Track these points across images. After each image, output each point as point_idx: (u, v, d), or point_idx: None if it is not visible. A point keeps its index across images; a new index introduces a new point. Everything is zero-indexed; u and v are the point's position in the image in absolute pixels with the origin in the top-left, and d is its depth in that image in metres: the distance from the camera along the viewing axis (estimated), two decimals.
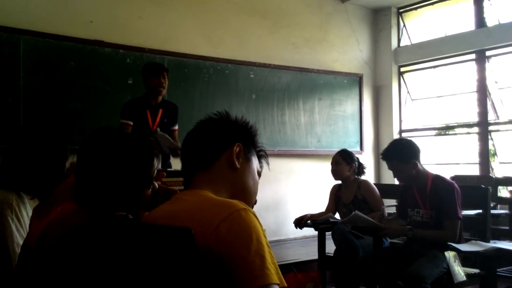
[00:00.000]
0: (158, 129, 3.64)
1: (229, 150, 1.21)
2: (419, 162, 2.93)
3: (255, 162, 1.28)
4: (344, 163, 3.62)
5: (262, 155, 1.33)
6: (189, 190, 1.22)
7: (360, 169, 3.70)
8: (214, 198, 1.12)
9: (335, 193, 3.77)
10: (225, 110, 1.29)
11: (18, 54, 4.11)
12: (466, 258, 2.98)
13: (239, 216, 1.02)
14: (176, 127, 3.94)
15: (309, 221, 3.57)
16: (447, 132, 6.33)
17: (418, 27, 6.55)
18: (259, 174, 1.30)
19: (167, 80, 3.76)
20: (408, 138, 3.43)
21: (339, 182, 3.76)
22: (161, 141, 3.57)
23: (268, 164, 1.34)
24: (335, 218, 3.55)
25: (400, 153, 2.92)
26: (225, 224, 1.00)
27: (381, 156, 3.09)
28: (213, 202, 1.09)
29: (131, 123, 3.68)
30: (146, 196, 1.41)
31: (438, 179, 2.93)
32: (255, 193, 1.27)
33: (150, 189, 1.42)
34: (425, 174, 2.94)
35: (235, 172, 1.21)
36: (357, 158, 3.74)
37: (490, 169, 5.62)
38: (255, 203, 1.28)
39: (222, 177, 1.21)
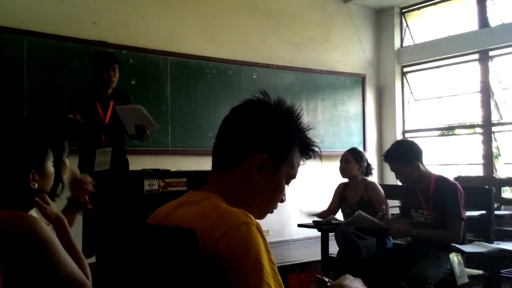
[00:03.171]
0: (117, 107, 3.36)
1: (253, 158, 1.10)
2: (422, 163, 2.93)
3: (287, 169, 1.14)
4: (354, 161, 3.62)
5: (308, 155, 1.18)
6: (200, 192, 1.14)
7: (368, 169, 3.69)
8: (220, 208, 1.05)
9: (341, 192, 3.75)
10: (279, 99, 1.16)
11: (21, 55, 4.12)
12: (469, 259, 2.97)
13: (238, 231, 0.96)
14: None
15: (312, 222, 3.56)
16: (450, 133, 6.32)
17: (421, 27, 6.54)
18: (293, 177, 1.17)
19: (118, 73, 3.48)
20: (410, 140, 3.42)
21: (345, 181, 3.74)
22: (123, 118, 3.33)
23: (319, 158, 1.20)
24: (337, 220, 3.54)
25: (402, 155, 2.91)
26: (223, 239, 0.96)
27: (383, 158, 3.08)
28: (217, 213, 1.02)
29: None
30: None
31: (441, 180, 2.92)
32: (274, 205, 1.17)
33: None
34: (427, 175, 2.94)
35: (253, 182, 1.11)
36: (367, 159, 3.73)
37: (494, 170, 5.60)
38: (275, 207, 1.18)
39: (239, 184, 1.12)
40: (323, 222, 3.47)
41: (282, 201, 1.19)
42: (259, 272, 0.94)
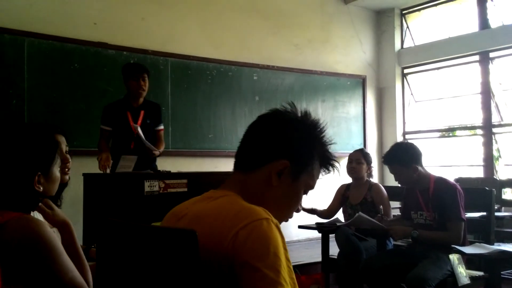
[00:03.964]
0: (138, 127, 3.53)
1: (274, 163, 1.13)
2: (421, 165, 2.92)
3: (306, 180, 1.17)
4: (365, 163, 3.61)
5: (327, 169, 1.21)
6: (221, 190, 1.17)
7: (371, 171, 3.70)
8: (240, 204, 1.08)
9: (343, 193, 3.74)
10: (305, 111, 1.20)
11: (22, 56, 4.12)
12: (470, 261, 2.97)
13: (260, 225, 0.99)
14: (161, 127, 3.80)
15: (314, 224, 3.56)
16: (451, 134, 6.32)
17: (421, 28, 6.54)
18: (311, 187, 1.20)
19: (148, 82, 3.64)
20: (410, 142, 3.42)
21: (347, 182, 3.73)
22: (140, 137, 3.49)
23: (336, 171, 1.23)
24: (341, 222, 3.54)
25: (401, 157, 2.91)
26: (244, 232, 0.98)
27: (382, 160, 3.08)
28: (238, 208, 1.05)
29: (110, 129, 3.59)
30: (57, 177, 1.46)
31: (440, 181, 2.92)
32: (289, 213, 1.19)
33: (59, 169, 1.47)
34: (427, 177, 2.93)
35: (272, 187, 1.14)
36: None
37: (494, 171, 5.60)
38: (291, 216, 1.20)
39: (258, 188, 1.14)
40: (326, 224, 3.47)
41: (298, 210, 1.22)
42: (277, 266, 0.96)
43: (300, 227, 3.68)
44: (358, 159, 3.62)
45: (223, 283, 0.99)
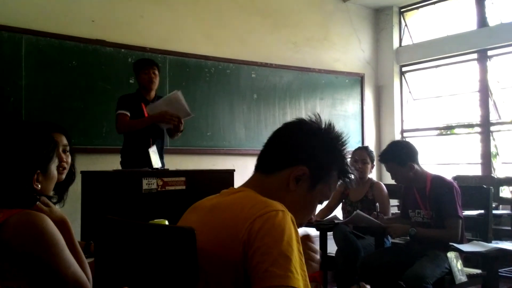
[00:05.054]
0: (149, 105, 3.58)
1: (293, 169, 1.17)
2: (417, 164, 2.93)
3: (322, 189, 1.21)
4: (369, 162, 3.60)
5: (343, 180, 1.25)
6: (239, 187, 1.22)
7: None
8: (258, 197, 1.12)
9: (342, 191, 3.72)
10: (329, 124, 1.25)
11: (19, 54, 4.11)
12: (467, 259, 2.98)
13: (275, 215, 1.02)
14: None
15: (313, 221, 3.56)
16: (449, 132, 6.32)
17: (419, 26, 6.54)
18: (327, 198, 1.25)
19: (158, 75, 3.73)
20: (406, 140, 3.43)
21: None
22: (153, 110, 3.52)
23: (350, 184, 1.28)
24: (340, 219, 3.53)
25: (397, 156, 2.92)
26: (260, 219, 1.01)
27: (378, 159, 3.09)
28: (255, 201, 1.09)
29: (128, 114, 3.62)
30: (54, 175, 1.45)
31: (437, 179, 2.93)
32: (303, 220, 1.22)
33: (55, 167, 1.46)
34: (424, 175, 2.94)
35: (289, 192, 1.18)
36: None
37: (492, 169, 5.61)
38: (303, 223, 1.24)
39: (276, 189, 1.18)
40: (325, 222, 3.47)
41: (310, 220, 1.25)
42: (290, 255, 0.98)
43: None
44: (364, 159, 3.58)
45: (235, 272, 1.01)
